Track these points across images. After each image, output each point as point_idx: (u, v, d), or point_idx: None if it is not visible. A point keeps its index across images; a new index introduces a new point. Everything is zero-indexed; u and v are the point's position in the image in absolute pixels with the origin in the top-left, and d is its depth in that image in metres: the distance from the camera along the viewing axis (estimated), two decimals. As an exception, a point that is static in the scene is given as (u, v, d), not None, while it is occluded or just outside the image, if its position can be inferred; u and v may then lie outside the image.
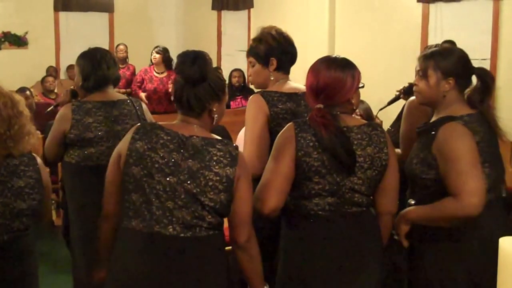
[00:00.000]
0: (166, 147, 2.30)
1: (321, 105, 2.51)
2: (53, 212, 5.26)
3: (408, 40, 7.74)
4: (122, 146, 2.36)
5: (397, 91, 3.62)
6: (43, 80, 9.16)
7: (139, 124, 2.43)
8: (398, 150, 3.23)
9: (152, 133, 2.32)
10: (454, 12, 7.38)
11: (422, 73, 2.75)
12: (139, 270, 2.26)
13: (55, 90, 9.01)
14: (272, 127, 2.92)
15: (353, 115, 2.69)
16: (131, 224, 2.29)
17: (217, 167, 2.29)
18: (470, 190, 2.44)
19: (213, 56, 11.01)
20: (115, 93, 3.65)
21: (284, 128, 2.54)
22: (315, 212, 2.49)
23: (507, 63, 6.91)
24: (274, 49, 3.07)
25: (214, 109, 2.40)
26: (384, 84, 7.48)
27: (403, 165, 3.29)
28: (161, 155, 2.28)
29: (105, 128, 3.46)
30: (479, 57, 7.09)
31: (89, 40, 10.63)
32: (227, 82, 9.06)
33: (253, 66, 3.14)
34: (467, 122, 2.60)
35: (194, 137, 2.33)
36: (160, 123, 2.42)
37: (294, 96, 3.02)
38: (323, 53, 8.48)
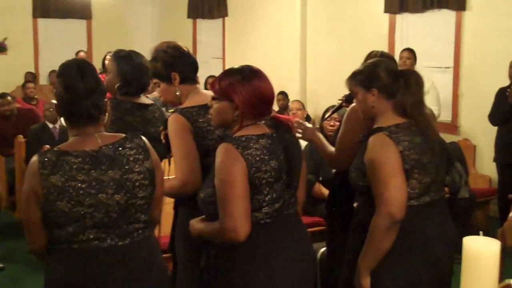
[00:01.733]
0: (82, 169, 2.18)
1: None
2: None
3: (376, 48, 7.90)
4: (33, 186, 2.17)
5: (339, 99, 3.66)
6: (24, 86, 9.18)
7: (38, 156, 2.20)
8: (332, 149, 3.30)
9: (61, 162, 2.17)
10: (419, 22, 7.63)
11: (352, 93, 2.87)
12: (81, 285, 2.22)
13: (35, 96, 9.10)
14: (198, 141, 2.89)
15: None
16: (68, 246, 2.22)
17: (137, 166, 2.27)
18: (387, 199, 2.53)
19: (189, 63, 10.89)
20: (145, 98, 3.63)
21: (222, 150, 2.39)
22: (260, 220, 2.44)
23: (469, 72, 7.17)
24: (171, 63, 3.02)
25: (104, 105, 2.34)
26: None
27: (334, 165, 3.39)
28: (81, 179, 2.17)
29: (142, 129, 3.35)
30: (442, 65, 7.39)
31: (67, 47, 10.90)
32: (202, 88, 9.30)
33: (158, 86, 3.08)
34: (392, 132, 2.63)
35: (103, 147, 2.25)
36: (59, 147, 2.26)
37: (207, 108, 2.91)
38: (295, 60, 8.85)
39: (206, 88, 9.18)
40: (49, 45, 11.23)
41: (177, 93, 3.02)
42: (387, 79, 2.72)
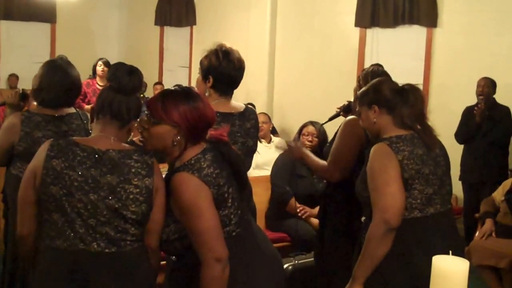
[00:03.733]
0: (83, 164, 2.25)
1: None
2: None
3: (346, 63, 7.95)
4: (37, 164, 2.27)
5: (338, 108, 3.74)
6: None
7: (52, 140, 2.33)
8: (325, 163, 3.36)
9: (68, 150, 2.26)
10: (390, 37, 7.63)
11: (357, 113, 2.99)
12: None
13: (-5, 99, 8.80)
14: None
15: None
16: (55, 244, 2.24)
17: (136, 179, 2.27)
18: (382, 206, 2.62)
19: (154, 71, 11.11)
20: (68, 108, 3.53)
21: (180, 181, 2.32)
22: (232, 233, 2.45)
23: (438, 88, 7.19)
24: (213, 67, 3.09)
25: (135, 125, 2.40)
26: (322, 104, 7.67)
27: (328, 177, 3.44)
28: (79, 172, 2.23)
29: None
30: (412, 81, 7.22)
31: (30, 50, 10.64)
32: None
33: (199, 73, 3.21)
34: (392, 142, 2.73)
35: (111, 150, 2.29)
36: (75, 138, 2.37)
37: (228, 116, 3.06)
38: (263, 72, 8.74)
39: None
40: (11, 48, 10.95)
41: (206, 94, 3.11)
42: (386, 95, 2.84)
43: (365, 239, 2.70)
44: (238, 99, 3.26)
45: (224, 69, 3.09)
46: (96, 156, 2.27)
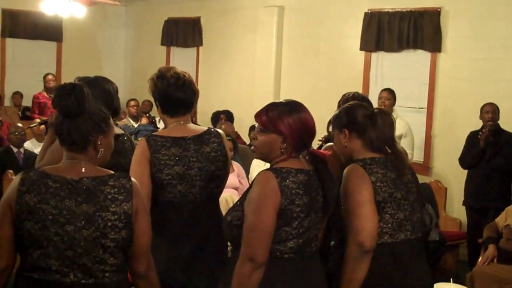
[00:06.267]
0: (57, 195, 2.17)
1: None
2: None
3: (351, 86, 7.91)
4: (10, 199, 2.20)
5: (319, 140, 3.73)
6: None
7: (22, 173, 2.25)
8: None
9: (39, 182, 2.19)
10: (395, 62, 7.67)
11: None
12: None
13: (0, 118, 8.81)
14: (153, 172, 2.86)
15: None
16: (30, 274, 2.19)
17: (113, 205, 2.21)
18: (356, 228, 2.62)
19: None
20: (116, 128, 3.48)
21: (260, 178, 2.44)
22: (284, 255, 2.47)
23: (443, 113, 7.20)
24: (154, 93, 3.01)
25: (99, 142, 2.29)
26: (325, 127, 7.69)
27: None
28: (53, 205, 2.16)
29: (112, 160, 3.20)
30: (416, 105, 7.39)
31: (35, 68, 10.68)
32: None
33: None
34: (366, 164, 2.73)
35: (84, 178, 2.22)
36: (45, 168, 2.29)
37: (181, 140, 2.94)
38: (269, 93, 8.77)
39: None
40: (16, 66, 10.98)
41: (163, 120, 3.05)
42: (356, 119, 2.84)
43: (343, 263, 2.68)
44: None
45: (160, 89, 2.99)
46: (70, 186, 2.20)
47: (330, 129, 2.99)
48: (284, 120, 2.49)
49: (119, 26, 12.01)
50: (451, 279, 2.32)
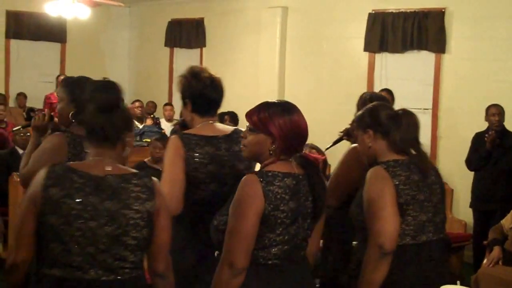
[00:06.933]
0: (81, 191, 2.19)
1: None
2: (0, 246, 5.12)
3: (355, 87, 7.95)
4: (34, 193, 2.22)
5: (340, 132, 3.73)
6: None
7: (48, 167, 2.26)
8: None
9: (65, 177, 2.20)
10: (399, 62, 7.67)
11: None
12: None
13: (5, 119, 8.80)
14: (188, 171, 2.86)
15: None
16: (51, 272, 2.20)
17: (136, 204, 2.23)
18: (377, 231, 2.63)
19: (164, 92, 11.14)
20: None
21: (245, 182, 2.39)
22: (268, 261, 2.43)
23: (448, 114, 7.19)
24: (186, 90, 3.02)
25: (128, 139, 2.34)
26: (330, 128, 7.65)
27: (331, 203, 3.42)
28: (78, 200, 2.18)
29: None
30: (421, 106, 7.37)
31: (39, 69, 10.69)
32: (179, 117, 9.14)
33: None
34: (389, 166, 2.73)
35: (109, 176, 2.24)
36: (71, 163, 2.33)
37: (213, 139, 2.96)
38: (273, 94, 8.76)
39: (180, 116, 9.05)
40: (20, 67, 10.98)
41: (188, 119, 3.05)
42: (381, 120, 2.84)
43: (362, 264, 2.69)
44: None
45: (195, 89, 3.00)
46: (95, 182, 2.22)
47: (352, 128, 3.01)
48: (274, 121, 2.42)
49: (123, 27, 12.01)
50: (458, 282, 2.31)
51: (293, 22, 8.83)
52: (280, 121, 2.42)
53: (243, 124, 3.16)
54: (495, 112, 6.00)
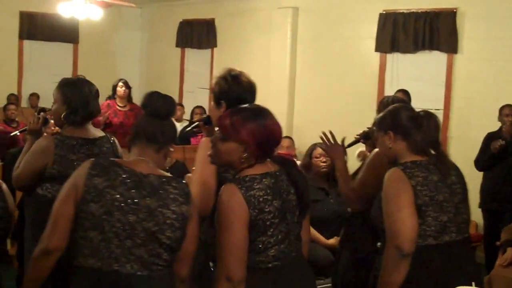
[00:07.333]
0: (124, 184, 2.28)
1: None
2: (8, 242, 5.18)
3: (366, 87, 7.96)
4: (78, 181, 2.30)
5: (357, 135, 3.73)
6: (5, 108, 8.85)
7: (93, 159, 2.38)
8: (352, 186, 3.34)
9: (110, 169, 2.30)
10: (410, 63, 7.63)
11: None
12: None
13: (16, 119, 8.88)
14: (220, 172, 2.86)
15: None
16: (88, 263, 2.25)
17: (174, 205, 2.31)
18: (394, 232, 2.63)
19: (175, 93, 11.15)
20: (94, 129, 3.53)
21: (225, 191, 2.36)
22: (267, 264, 2.41)
23: (459, 115, 7.15)
24: (224, 92, 3.01)
25: (171, 149, 2.47)
26: (341, 128, 7.64)
27: (351, 205, 3.41)
28: (120, 192, 2.26)
29: None
30: (432, 107, 7.32)
31: (52, 70, 10.76)
32: (189, 118, 9.18)
33: (211, 101, 3.16)
34: (407, 168, 2.74)
35: (151, 175, 2.34)
36: (116, 160, 2.44)
37: None
38: (284, 94, 8.77)
39: (192, 119, 9.10)
40: (33, 67, 11.10)
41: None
42: (401, 121, 2.87)
43: (382, 266, 2.70)
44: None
45: (235, 92, 3.01)
46: (137, 179, 2.31)
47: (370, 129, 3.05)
48: (247, 128, 2.38)
49: (135, 28, 12.07)
50: (473, 283, 2.31)
51: (304, 22, 8.83)
52: (252, 128, 2.39)
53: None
54: (508, 112, 5.97)
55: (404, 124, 2.85)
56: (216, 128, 2.75)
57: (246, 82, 3.06)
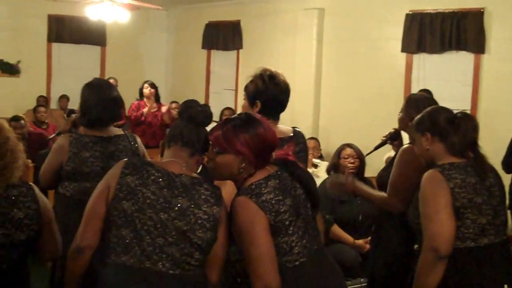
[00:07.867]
0: (156, 183, 2.32)
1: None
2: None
3: (392, 88, 7.92)
4: (111, 180, 2.35)
5: (383, 136, 3.73)
6: (35, 110, 9.02)
7: (126, 159, 2.43)
8: (383, 194, 3.32)
9: (143, 169, 2.35)
10: (437, 63, 7.58)
11: (412, 139, 3.05)
12: None
13: (46, 121, 9.01)
14: None
15: None
16: (120, 260, 2.27)
17: (205, 206, 2.33)
18: (431, 234, 2.63)
19: (201, 94, 11.23)
20: (113, 128, 3.58)
21: (238, 206, 2.34)
22: (295, 263, 2.42)
23: (487, 116, 7.07)
24: (260, 92, 3.04)
25: (205, 158, 2.53)
26: (367, 129, 7.65)
27: (390, 209, 3.33)
28: (152, 191, 2.30)
29: (101, 164, 3.39)
30: (459, 107, 7.21)
31: (80, 72, 10.89)
32: (218, 119, 9.24)
33: (244, 99, 3.18)
34: (445, 169, 2.73)
35: (183, 175, 2.38)
36: (149, 160, 2.49)
37: (281, 141, 2.94)
38: (310, 96, 8.78)
39: (220, 119, 9.15)
40: (62, 70, 11.27)
41: None
42: (440, 123, 2.86)
43: (417, 268, 2.69)
44: (285, 124, 3.27)
45: (271, 93, 3.05)
46: (170, 178, 2.35)
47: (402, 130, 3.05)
48: (241, 139, 2.39)
49: (161, 30, 12.16)
50: (506, 286, 2.30)
51: (329, 24, 8.82)
52: (246, 138, 2.39)
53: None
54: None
55: (442, 125, 2.85)
56: None
57: (283, 83, 3.10)
